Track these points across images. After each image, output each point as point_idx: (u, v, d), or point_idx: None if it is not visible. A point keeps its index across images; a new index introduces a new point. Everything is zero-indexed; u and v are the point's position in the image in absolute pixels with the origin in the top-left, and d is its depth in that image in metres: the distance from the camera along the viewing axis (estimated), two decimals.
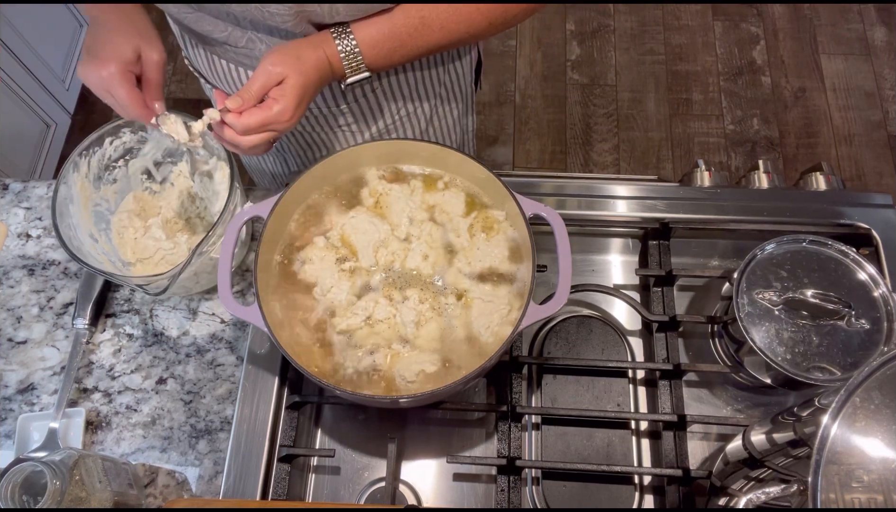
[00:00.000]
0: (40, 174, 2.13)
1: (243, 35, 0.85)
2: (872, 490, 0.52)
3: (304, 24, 0.80)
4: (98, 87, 0.78)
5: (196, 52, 0.95)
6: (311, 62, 0.77)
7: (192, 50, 0.96)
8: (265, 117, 0.76)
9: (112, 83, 0.77)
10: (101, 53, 0.77)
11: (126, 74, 0.78)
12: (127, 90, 0.78)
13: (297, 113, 0.78)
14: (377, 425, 0.91)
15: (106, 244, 0.93)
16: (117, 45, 0.78)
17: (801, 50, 2.51)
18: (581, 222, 0.99)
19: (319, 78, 0.79)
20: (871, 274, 0.84)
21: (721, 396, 0.93)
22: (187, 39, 0.96)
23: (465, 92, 1.10)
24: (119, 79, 0.77)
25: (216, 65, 0.94)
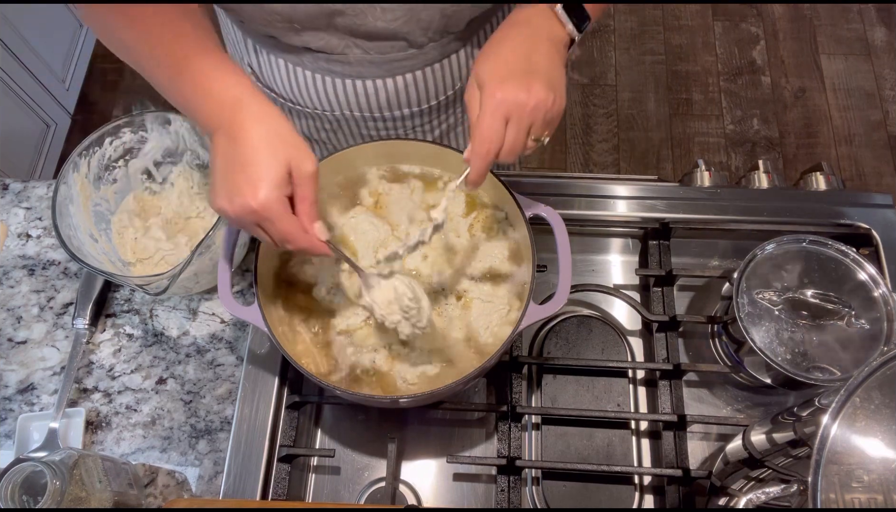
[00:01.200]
0: (40, 174, 2.13)
1: (340, 42, 0.81)
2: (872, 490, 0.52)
3: (412, 24, 0.77)
4: (247, 220, 0.63)
5: (274, 66, 0.89)
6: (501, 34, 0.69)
7: (270, 61, 0.89)
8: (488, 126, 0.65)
9: (267, 214, 0.62)
10: (246, 178, 0.62)
11: (281, 200, 0.63)
12: (286, 223, 0.63)
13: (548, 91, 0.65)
14: (377, 425, 0.91)
15: (106, 244, 0.93)
16: (266, 164, 0.62)
17: (801, 50, 2.51)
18: (581, 222, 0.99)
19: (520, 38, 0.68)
20: (871, 274, 0.84)
21: (721, 396, 0.92)
22: (265, 53, 0.89)
23: None
24: (275, 206, 0.62)
25: (297, 77, 0.89)
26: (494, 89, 0.65)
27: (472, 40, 0.90)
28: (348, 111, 0.94)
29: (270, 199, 0.62)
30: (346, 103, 0.93)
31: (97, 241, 0.92)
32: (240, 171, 0.62)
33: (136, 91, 2.43)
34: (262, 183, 0.61)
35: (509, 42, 0.68)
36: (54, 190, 0.86)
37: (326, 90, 0.91)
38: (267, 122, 0.64)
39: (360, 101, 0.92)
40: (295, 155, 0.63)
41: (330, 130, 1.00)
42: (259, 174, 0.61)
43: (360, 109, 0.93)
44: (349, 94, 0.91)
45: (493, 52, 0.68)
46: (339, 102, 0.93)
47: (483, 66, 0.68)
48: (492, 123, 0.65)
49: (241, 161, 0.62)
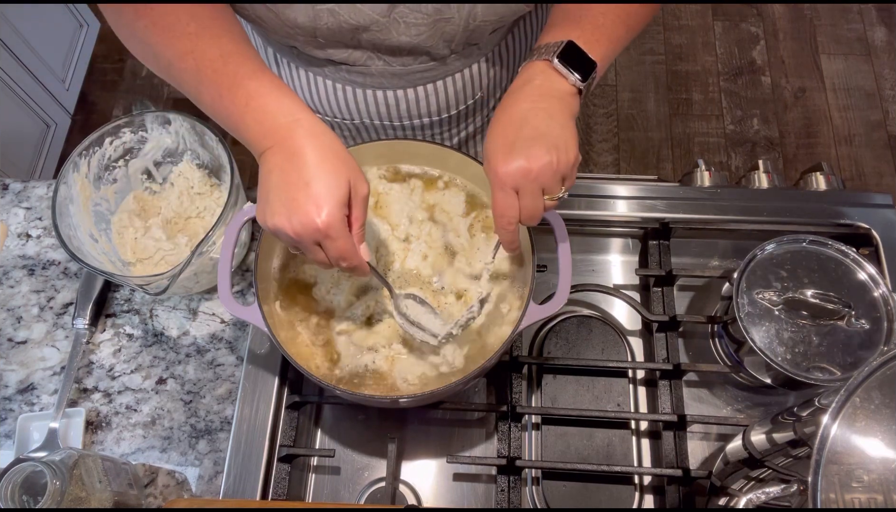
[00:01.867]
0: (40, 174, 2.13)
1: (363, 55, 0.81)
2: (872, 490, 0.52)
3: (436, 37, 0.77)
4: (307, 237, 0.63)
5: (295, 75, 0.90)
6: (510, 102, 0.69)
7: (290, 74, 0.90)
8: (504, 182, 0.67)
9: (330, 232, 0.62)
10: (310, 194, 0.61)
11: (344, 220, 0.63)
12: (346, 241, 0.64)
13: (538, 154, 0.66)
14: (377, 425, 0.91)
15: (106, 244, 0.93)
16: (330, 183, 0.62)
17: (801, 50, 2.51)
18: (581, 222, 0.99)
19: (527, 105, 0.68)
20: (871, 274, 0.84)
21: (721, 396, 0.93)
22: (286, 62, 0.89)
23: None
24: (339, 227, 0.62)
25: (318, 86, 0.89)
26: (497, 166, 0.66)
27: (494, 51, 0.90)
28: (368, 120, 0.94)
29: (335, 218, 0.62)
30: (365, 112, 0.93)
31: (97, 241, 0.92)
32: (303, 189, 0.62)
33: (136, 91, 2.43)
34: (327, 201, 0.61)
35: (508, 110, 0.68)
36: (54, 190, 0.86)
37: (347, 99, 0.90)
38: (326, 142, 0.64)
39: (381, 111, 0.92)
40: (354, 176, 0.64)
41: (349, 137, 1.01)
42: (324, 193, 0.61)
43: (379, 118, 0.93)
44: (370, 103, 0.91)
45: (494, 123, 0.69)
46: (360, 111, 0.93)
47: (487, 142, 0.68)
48: (503, 198, 0.67)
49: (305, 179, 0.62)
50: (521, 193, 0.67)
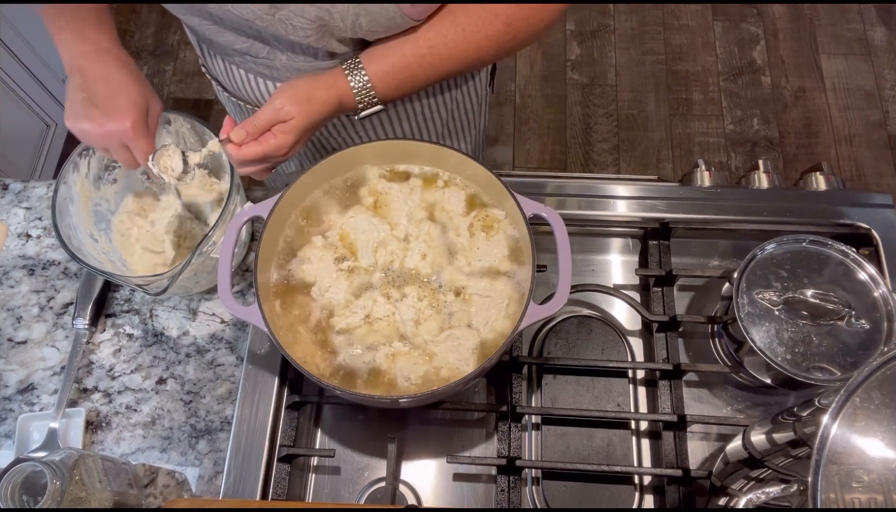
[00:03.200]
0: (40, 174, 2.13)
1: (264, 47, 0.85)
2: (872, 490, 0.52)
3: (326, 39, 0.80)
4: (114, 139, 0.78)
5: (214, 61, 0.96)
6: (320, 104, 0.79)
7: (210, 59, 0.97)
8: (263, 150, 0.78)
9: (136, 135, 0.77)
10: (117, 105, 0.77)
11: (146, 124, 0.78)
12: (148, 141, 0.79)
13: (295, 148, 0.81)
14: (377, 425, 0.91)
15: (106, 244, 0.93)
16: (133, 96, 0.78)
17: (801, 50, 2.51)
18: (581, 222, 0.99)
19: (324, 117, 0.81)
20: (871, 274, 0.84)
21: (721, 396, 0.93)
22: (205, 48, 0.96)
23: (480, 95, 1.10)
24: (142, 130, 0.78)
25: (234, 74, 0.94)
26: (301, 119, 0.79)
27: None
28: None
29: (138, 123, 0.77)
30: None
31: (97, 241, 0.92)
32: (112, 100, 0.77)
33: None
34: (136, 108, 0.77)
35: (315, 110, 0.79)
36: (54, 190, 0.86)
37: (260, 90, 0.94)
38: (130, 68, 0.80)
39: None
40: (150, 95, 0.80)
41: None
42: (134, 101, 0.77)
43: None
44: None
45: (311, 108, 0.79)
46: None
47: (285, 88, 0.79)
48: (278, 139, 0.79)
49: (113, 93, 0.77)
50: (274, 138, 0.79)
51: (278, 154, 0.79)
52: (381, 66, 0.80)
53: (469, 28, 0.79)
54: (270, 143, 0.78)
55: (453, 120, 1.08)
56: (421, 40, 0.79)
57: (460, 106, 1.06)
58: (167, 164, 0.80)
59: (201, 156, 0.82)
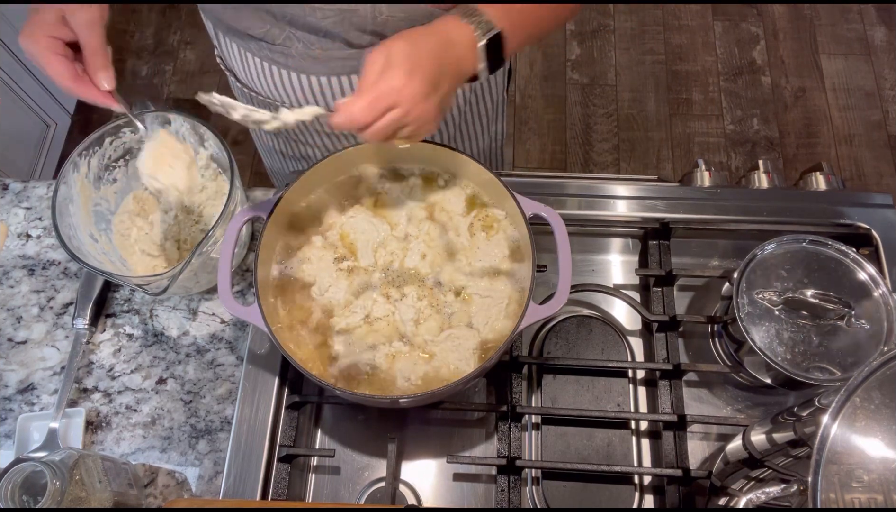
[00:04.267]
0: (40, 174, 2.13)
1: (281, 32, 0.83)
2: (872, 490, 0.52)
3: (345, 25, 0.79)
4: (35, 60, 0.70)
5: (230, 49, 0.94)
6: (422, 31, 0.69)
7: (226, 48, 0.95)
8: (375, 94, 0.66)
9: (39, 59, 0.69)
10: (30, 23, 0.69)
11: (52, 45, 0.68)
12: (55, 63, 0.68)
13: (416, 83, 0.66)
14: (377, 425, 0.91)
15: (106, 244, 0.93)
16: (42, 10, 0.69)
17: (801, 50, 2.51)
18: (581, 222, 0.99)
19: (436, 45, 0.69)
20: (871, 274, 0.84)
21: (721, 396, 0.92)
22: (221, 35, 0.94)
23: (495, 100, 1.08)
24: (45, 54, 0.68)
25: (249, 63, 0.93)
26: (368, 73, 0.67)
27: None
28: (297, 105, 0.94)
29: (35, 39, 0.68)
30: (293, 97, 0.94)
31: (97, 241, 0.92)
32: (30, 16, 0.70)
33: (136, 91, 2.43)
34: (31, 24, 0.68)
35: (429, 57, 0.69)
36: (54, 190, 0.86)
37: (275, 80, 0.93)
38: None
39: (308, 97, 0.93)
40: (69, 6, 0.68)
41: None
42: (32, 18, 0.69)
43: (307, 104, 0.94)
44: (295, 86, 0.92)
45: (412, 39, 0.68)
46: (287, 94, 0.94)
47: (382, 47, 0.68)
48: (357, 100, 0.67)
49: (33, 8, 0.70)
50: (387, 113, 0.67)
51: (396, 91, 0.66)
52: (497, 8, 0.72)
53: None
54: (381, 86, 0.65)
55: (465, 123, 1.07)
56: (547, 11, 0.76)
57: (473, 109, 1.05)
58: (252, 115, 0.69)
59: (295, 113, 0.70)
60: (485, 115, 1.09)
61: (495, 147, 1.20)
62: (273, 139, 1.12)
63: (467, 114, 1.05)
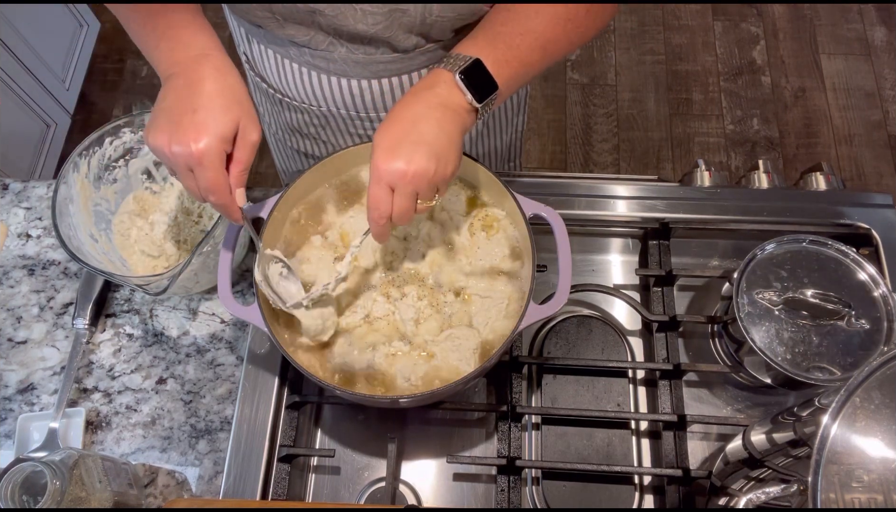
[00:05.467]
0: (40, 174, 2.13)
1: (325, 39, 0.82)
2: (872, 490, 0.52)
3: (393, 29, 0.78)
4: (181, 160, 0.65)
5: (264, 56, 0.92)
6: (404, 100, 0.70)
7: (261, 55, 0.92)
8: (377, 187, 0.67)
9: (203, 160, 0.65)
10: (194, 122, 0.64)
11: (221, 154, 0.66)
12: (216, 174, 0.66)
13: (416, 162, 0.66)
14: (377, 425, 0.91)
15: (106, 244, 0.93)
16: (217, 115, 0.65)
17: (801, 50, 2.51)
18: (581, 222, 0.99)
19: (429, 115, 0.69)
20: (871, 274, 0.84)
21: (721, 396, 0.92)
22: (254, 41, 0.91)
23: (520, 93, 1.08)
24: (213, 158, 0.65)
25: (286, 69, 0.91)
26: (379, 160, 0.67)
27: None
28: (334, 108, 0.95)
29: (211, 148, 0.64)
30: (332, 100, 0.93)
31: (97, 241, 0.92)
32: (190, 114, 0.65)
33: (136, 91, 2.43)
34: (207, 131, 0.64)
35: (404, 109, 0.69)
36: (54, 190, 0.86)
37: (313, 85, 0.92)
38: (228, 79, 0.68)
39: (346, 100, 0.92)
40: (245, 118, 0.67)
41: (318, 126, 1.00)
42: (207, 122, 0.64)
43: (345, 107, 0.94)
44: (335, 91, 0.91)
45: (388, 118, 0.69)
46: (325, 98, 0.93)
47: (377, 134, 0.69)
48: (377, 192, 0.68)
49: (195, 106, 0.65)
50: (396, 192, 0.68)
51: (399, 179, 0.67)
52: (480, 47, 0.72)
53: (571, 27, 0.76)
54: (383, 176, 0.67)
55: (493, 118, 1.06)
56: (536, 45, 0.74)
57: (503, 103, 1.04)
58: (281, 288, 0.72)
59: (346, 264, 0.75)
60: (510, 108, 1.09)
61: (516, 139, 1.20)
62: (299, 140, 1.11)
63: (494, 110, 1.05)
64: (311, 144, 1.07)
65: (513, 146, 1.21)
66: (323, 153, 1.09)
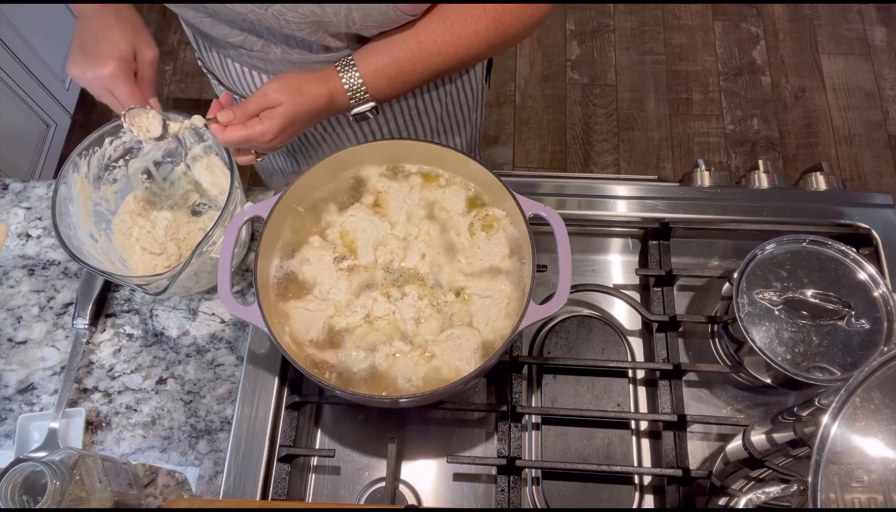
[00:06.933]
0: (40, 174, 2.13)
1: (258, 40, 0.85)
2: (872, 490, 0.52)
3: (320, 33, 0.80)
4: (97, 85, 0.80)
5: (209, 54, 0.96)
6: (310, 96, 0.80)
7: (206, 53, 0.97)
8: (247, 135, 0.79)
9: (115, 81, 0.79)
10: (99, 51, 0.79)
11: (127, 72, 0.80)
12: (129, 87, 0.80)
13: (281, 138, 0.81)
14: (377, 425, 0.91)
15: (106, 244, 0.93)
16: (116, 42, 0.80)
17: (801, 50, 2.51)
18: (581, 222, 0.99)
19: (314, 111, 0.82)
20: (871, 274, 0.84)
21: (721, 396, 0.93)
22: (200, 42, 0.96)
23: (475, 90, 1.10)
24: (122, 77, 0.79)
25: (229, 68, 0.95)
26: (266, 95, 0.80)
27: None
28: None
29: (118, 70, 0.79)
30: None
31: (97, 241, 0.92)
32: (96, 46, 0.80)
33: None
34: (112, 56, 0.79)
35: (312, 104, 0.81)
36: (54, 190, 0.86)
37: (256, 84, 0.94)
38: (126, 15, 0.82)
39: None
40: (141, 42, 0.82)
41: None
42: (112, 50, 0.79)
43: None
44: None
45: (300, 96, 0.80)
46: None
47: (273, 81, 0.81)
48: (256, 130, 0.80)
49: (99, 39, 0.80)
50: None
51: (262, 140, 0.80)
52: (373, 63, 0.81)
53: (458, 24, 0.80)
54: (256, 129, 0.79)
55: (448, 114, 1.08)
56: (410, 38, 0.80)
57: (455, 100, 1.06)
58: (143, 124, 0.81)
59: (182, 125, 0.83)
60: (465, 105, 1.10)
61: (476, 136, 1.22)
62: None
63: (449, 106, 1.06)
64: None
65: (473, 143, 1.23)
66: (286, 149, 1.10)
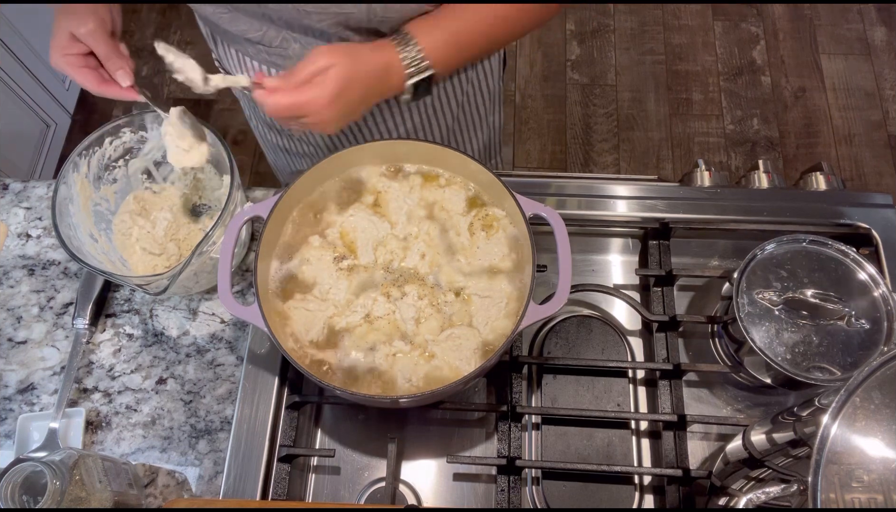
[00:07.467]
0: (40, 174, 2.13)
1: (278, 34, 0.84)
2: (872, 490, 0.52)
3: (339, 27, 0.80)
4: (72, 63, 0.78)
5: (227, 52, 0.95)
6: (364, 59, 0.75)
7: (224, 50, 0.96)
8: (297, 100, 0.73)
9: (64, 71, 0.79)
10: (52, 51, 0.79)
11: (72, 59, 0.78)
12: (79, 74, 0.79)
13: (336, 107, 0.74)
14: (377, 425, 0.91)
15: (106, 244, 0.93)
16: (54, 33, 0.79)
17: (801, 50, 2.51)
18: (581, 222, 0.99)
19: (368, 77, 0.76)
20: (871, 274, 0.84)
21: (721, 396, 0.92)
22: (218, 40, 0.95)
23: (492, 89, 1.09)
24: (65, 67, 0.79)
25: (247, 66, 0.94)
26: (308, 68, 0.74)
27: None
28: None
29: (58, 60, 0.78)
30: None
31: (97, 241, 0.92)
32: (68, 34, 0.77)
33: None
34: (52, 49, 0.78)
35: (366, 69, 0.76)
36: (54, 190, 0.86)
37: None
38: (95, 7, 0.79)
39: None
40: (72, 22, 0.77)
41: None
42: (52, 42, 0.78)
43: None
44: None
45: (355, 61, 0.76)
46: None
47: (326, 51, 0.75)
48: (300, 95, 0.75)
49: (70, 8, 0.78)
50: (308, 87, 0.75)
51: (315, 106, 0.73)
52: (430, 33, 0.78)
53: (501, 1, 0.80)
54: (306, 94, 0.72)
55: (464, 114, 1.07)
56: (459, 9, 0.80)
57: (471, 99, 1.06)
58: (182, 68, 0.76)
59: (224, 79, 0.77)
60: (482, 105, 1.09)
61: (494, 139, 1.21)
62: (276, 136, 1.12)
63: (465, 105, 1.05)
64: (286, 140, 1.09)
65: (492, 146, 1.22)
66: (298, 149, 1.10)
